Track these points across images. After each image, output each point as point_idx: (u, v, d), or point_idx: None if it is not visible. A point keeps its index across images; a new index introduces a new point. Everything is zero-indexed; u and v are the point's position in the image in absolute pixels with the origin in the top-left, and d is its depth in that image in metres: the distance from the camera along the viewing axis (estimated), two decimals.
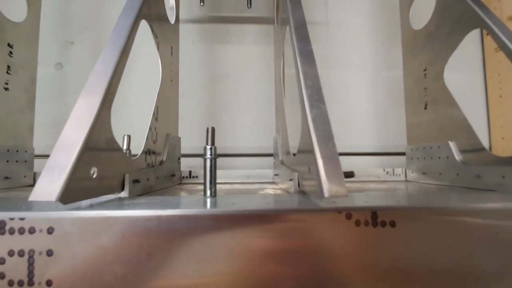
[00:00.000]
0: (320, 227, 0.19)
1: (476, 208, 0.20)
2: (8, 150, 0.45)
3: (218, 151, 0.28)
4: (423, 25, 0.49)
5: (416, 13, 0.54)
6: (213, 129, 0.28)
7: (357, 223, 0.19)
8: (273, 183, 0.51)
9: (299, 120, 0.48)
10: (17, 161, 0.46)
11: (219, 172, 0.54)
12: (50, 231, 0.18)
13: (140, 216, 0.19)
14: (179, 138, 0.52)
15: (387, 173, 0.55)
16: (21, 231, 0.18)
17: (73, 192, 0.20)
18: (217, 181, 0.53)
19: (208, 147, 0.27)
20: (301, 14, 0.34)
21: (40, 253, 0.18)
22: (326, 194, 0.20)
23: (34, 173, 0.50)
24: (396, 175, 0.55)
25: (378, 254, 0.19)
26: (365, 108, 0.69)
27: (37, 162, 0.51)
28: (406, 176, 0.54)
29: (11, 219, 0.18)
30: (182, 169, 0.53)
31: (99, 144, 0.24)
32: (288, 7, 0.35)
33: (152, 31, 0.39)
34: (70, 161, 0.20)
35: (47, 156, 0.60)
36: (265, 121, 0.67)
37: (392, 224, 0.20)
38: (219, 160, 0.62)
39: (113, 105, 0.27)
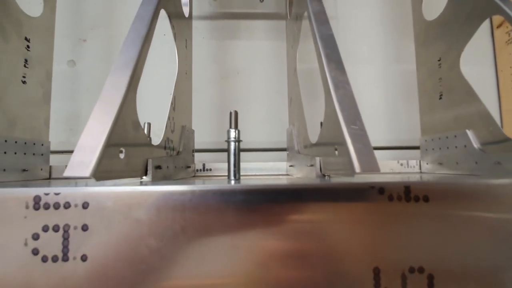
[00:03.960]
0: (353, 202, 0.19)
1: (509, 182, 0.20)
2: (25, 143, 0.45)
3: None
4: (437, 15, 0.49)
5: (428, 4, 0.54)
6: (236, 113, 0.28)
7: (390, 198, 0.19)
8: (287, 175, 0.51)
9: (312, 114, 0.47)
10: (34, 154, 0.47)
11: None
12: (85, 206, 0.18)
13: (175, 191, 0.19)
14: (193, 130, 0.52)
15: (401, 165, 0.54)
16: (56, 206, 0.18)
17: (104, 170, 0.21)
18: None
19: (232, 130, 0.27)
20: (320, 1, 0.34)
21: (75, 227, 0.18)
22: (357, 170, 0.20)
23: (50, 167, 0.51)
24: (411, 167, 0.54)
25: (412, 229, 0.19)
26: (375, 102, 0.69)
27: (51, 157, 0.51)
28: (420, 168, 0.54)
29: (46, 194, 0.19)
30: (194, 163, 0.53)
31: (126, 125, 0.24)
32: None
33: (170, 21, 0.39)
34: (102, 139, 0.20)
35: (60, 152, 0.61)
36: (276, 116, 0.67)
37: (426, 199, 0.19)
38: None
39: None
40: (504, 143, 0.38)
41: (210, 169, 0.53)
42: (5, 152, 0.41)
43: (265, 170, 0.53)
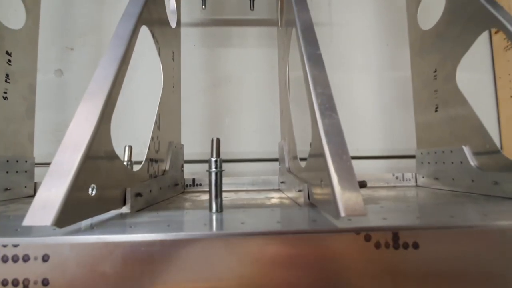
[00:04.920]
0: (337, 250, 0.18)
1: (507, 226, 0.18)
2: (7, 161, 0.43)
3: (222, 157, 0.26)
4: (432, 25, 0.48)
5: (424, 13, 0.53)
6: (218, 140, 0.26)
7: (377, 246, 0.18)
8: (279, 190, 0.50)
9: (306, 124, 0.46)
10: (17, 172, 0.45)
11: (224, 179, 0.53)
12: (45, 258, 0.17)
13: (143, 241, 0.17)
14: (182, 145, 0.50)
15: (397, 178, 0.53)
16: (15, 259, 0.17)
17: (70, 214, 0.19)
18: (223, 188, 0.52)
19: (213, 159, 0.26)
20: (308, 16, 0.32)
21: (36, 282, 0.17)
22: (342, 214, 0.18)
23: (35, 183, 0.49)
24: (406, 180, 0.53)
25: (401, 279, 0.18)
26: (370, 110, 0.68)
27: (37, 170, 0.50)
28: (416, 181, 0.52)
29: (4, 246, 0.17)
30: (185, 176, 0.52)
31: (97, 160, 0.23)
32: (294, 9, 0.33)
33: (153, 36, 0.38)
34: (67, 181, 0.19)
35: (47, 164, 0.59)
36: (269, 125, 0.65)
37: (415, 245, 0.18)
38: (223, 166, 0.59)
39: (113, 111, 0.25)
40: (497, 155, 0.36)
41: (200, 184, 0.52)
42: None
43: (256, 185, 0.52)
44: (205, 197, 0.42)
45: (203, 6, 0.59)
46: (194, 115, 0.65)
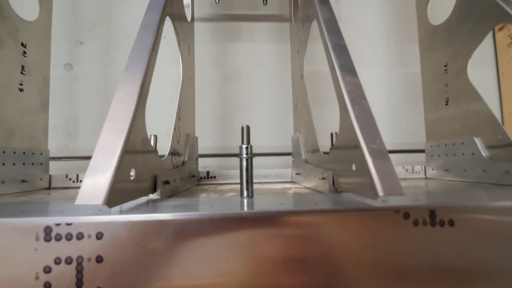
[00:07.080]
0: (379, 227, 0.19)
1: None
2: (24, 153, 0.44)
3: (231, 151, 0.27)
4: (443, 20, 0.49)
5: (433, 8, 0.54)
6: (248, 128, 0.27)
7: (415, 223, 0.19)
8: (293, 182, 0.50)
9: (316, 119, 0.47)
10: (33, 164, 0.45)
11: (235, 172, 0.53)
12: (99, 236, 0.18)
13: (192, 219, 0.18)
14: (197, 138, 0.51)
15: (407, 170, 0.54)
16: (68, 237, 0.18)
17: (116, 195, 0.20)
18: (234, 181, 0.52)
19: (244, 146, 0.26)
20: (330, 8, 0.33)
21: (89, 259, 0.17)
22: (380, 193, 0.19)
23: (50, 176, 0.49)
24: (416, 172, 0.54)
25: (437, 255, 0.19)
26: (378, 105, 0.69)
27: (49, 164, 0.50)
28: (425, 174, 0.54)
29: (57, 224, 0.18)
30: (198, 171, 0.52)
31: (136, 145, 0.23)
32: (315, 2, 0.34)
33: (174, 28, 0.38)
34: (113, 163, 0.20)
35: (59, 158, 0.59)
36: (279, 120, 0.66)
37: (451, 223, 0.19)
38: (233, 160, 0.61)
39: None
40: (510, 148, 0.37)
41: (214, 177, 0.52)
42: (3, 164, 0.40)
43: (270, 177, 0.53)
44: (223, 188, 0.43)
45: (217, 0, 0.59)
46: (205, 109, 0.66)
